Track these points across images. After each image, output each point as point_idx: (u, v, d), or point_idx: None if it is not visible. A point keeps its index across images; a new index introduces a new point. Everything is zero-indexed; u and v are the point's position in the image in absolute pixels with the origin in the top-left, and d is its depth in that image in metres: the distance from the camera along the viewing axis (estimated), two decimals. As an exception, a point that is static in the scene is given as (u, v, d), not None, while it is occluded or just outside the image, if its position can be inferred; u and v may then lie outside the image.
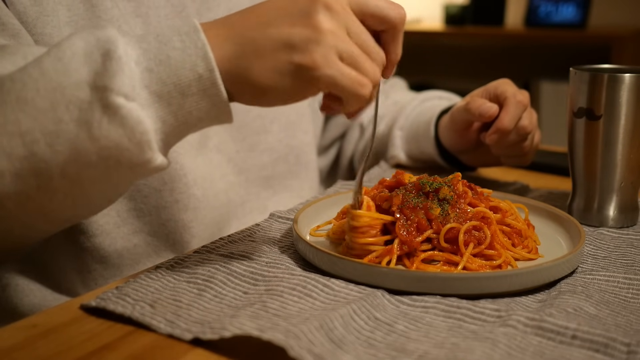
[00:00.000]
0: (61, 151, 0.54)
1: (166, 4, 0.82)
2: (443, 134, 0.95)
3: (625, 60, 2.55)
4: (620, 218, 0.78)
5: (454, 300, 0.57)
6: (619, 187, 0.77)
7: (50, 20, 0.71)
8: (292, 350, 0.47)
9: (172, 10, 0.82)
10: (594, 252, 0.70)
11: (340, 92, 0.56)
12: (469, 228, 0.64)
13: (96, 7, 0.75)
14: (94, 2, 0.75)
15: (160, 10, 0.81)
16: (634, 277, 0.63)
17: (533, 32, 2.85)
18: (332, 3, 0.55)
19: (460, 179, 0.70)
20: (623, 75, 0.74)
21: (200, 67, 0.55)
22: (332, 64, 0.55)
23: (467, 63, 3.38)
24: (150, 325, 0.53)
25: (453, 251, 0.63)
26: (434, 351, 0.50)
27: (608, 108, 0.75)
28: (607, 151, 0.76)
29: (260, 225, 0.76)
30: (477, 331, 0.53)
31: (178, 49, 0.55)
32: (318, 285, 0.59)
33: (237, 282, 0.60)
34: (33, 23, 0.70)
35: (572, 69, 0.78)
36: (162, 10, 0.81)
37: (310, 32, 0.54)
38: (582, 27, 2.78)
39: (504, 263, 0.64)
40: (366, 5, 0.58)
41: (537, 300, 0.60)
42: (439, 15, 3.32)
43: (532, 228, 0.71)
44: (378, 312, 0.56)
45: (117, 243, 0.79)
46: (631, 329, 0.54)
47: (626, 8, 2.93)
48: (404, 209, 0.64)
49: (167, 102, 0.55)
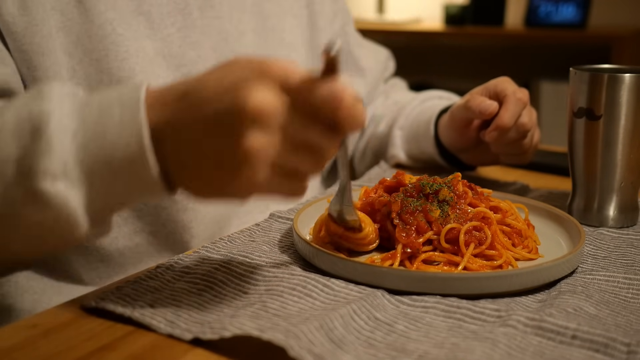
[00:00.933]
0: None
1: (169, 1, 0.82)
2: (443, 133, 0.95)
3: (625, 60, 2.55)
4: (620, 218, 0.78)
5: (454, 300, 0.57)
6: (619, 187, 0.77)
7: (40, 29, 0.71)
8: (292, 350, 0.47)
9: (174, 7, 0.82)
10: (594, 252, 0.70)
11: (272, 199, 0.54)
12: (469, 228, 0.64)
13: (89, 10, 0.74)
14: (87, 5, 0.74)
15: (163, 8, 0.81)
16: (634, 277, 0.63)
17: (533, 32, 2.85)
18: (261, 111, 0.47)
19: (460, 179, 0.70)
20: (623, 75, 0.74)
21: (133, 147, 0.50)
22: (261, 186, 0.50)
23: (467, 63, 3.37)
24: (150, 325, 0.53)
25: (454, 252, 0.63)
26: (434, 351, 0.50)
27: (608, 108, 0.75)
28: (607, 151, 0.76)
29: (260, 225, 0.76)
30: (477, 331, 0.53)
31: (115, 123, 0.51)
32: (318, 285, 0.59)
33: (237, 282, 0.60)
34: (22, 33, 0.70)
35: (572, 69, 0.78)
36: (165, 7, 0.81)
37: (239, 154, 0.48)
38: (582, 27, 2.77)
39: (505, 263, 0.64)
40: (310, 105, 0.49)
41: (537, 300, 0.60)
42: (439, 15, 3.32)
43: (532, 228, 0.71)
44: (378, 312, 0.56)
45: (118, 242, 0.79)
46: (631, 329, 0.54)
47: (626, 8, 2.92)
48: (403, 215, 0.64)
49: (100, 180, 0.51)
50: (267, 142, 0.48)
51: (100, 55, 0.75)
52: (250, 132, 0.47)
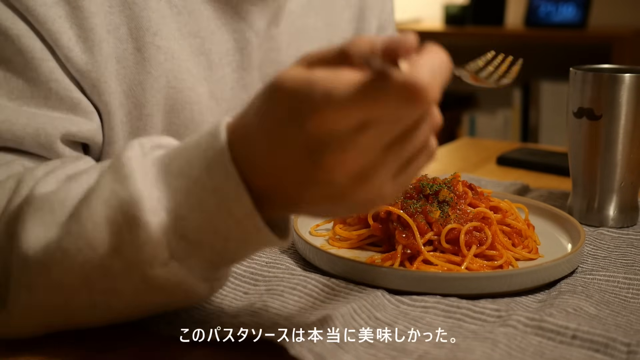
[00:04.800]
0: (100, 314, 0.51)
1: (229, 39, 0.76)
2: None
3: (625, 60, 2.55)
4: (620, 218, 0.78)
5: (454, 300, 0.57)
6: (619, 187, 0.77)
7: (108, 87, 0.66)
8: (292, 349, 0.48)
9: (234, 45, 0.77)
10: (594, 252, 0.70)
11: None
12: (469, 229, 0.64)
13: (147, 61, 0.69)
14: (145, 55, 0.69)
15: (222, 46, 0.76)
16: (634, 277, 0.63)
17: (533, 32, 2.85)
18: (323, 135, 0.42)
19: (460, 179, 0.70)
20: (623, 75, 0.74)
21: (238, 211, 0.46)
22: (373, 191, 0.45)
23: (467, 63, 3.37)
24: (150, 325, 0.53)
25: (454, 252, 0.63)
26: (434, 351, 0.50)
27: (608, 108, 0.75)
28: (607, 151, 0.76)
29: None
30: (477, 331, 0.53)
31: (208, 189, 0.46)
32: (318, 285, 0.59)
33: (237, 283, 0.60)
34: (91, 88, 0.65)
35: (572, 69, 0.78)
36: (224, 45, 0.76)
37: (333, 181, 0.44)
38: (582, 27, 2.77)
39: (505, 263, 0.64)
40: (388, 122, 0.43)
41: (537, 300, 0.60)
42: (439, 15, 3.31)
43: (532, 228, 0.71)
44: (378, 312, 0.56)
45: None
46: (631, 329, 0.54)
47: (626, 8, 2.92)
48: (402, 219, 0.64)
49: (210, 248, 0.48)
50: (348, 156, 0.43)
51: (152, 111, 0.70)
52: (328, 157, 0.43)
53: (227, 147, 0.45)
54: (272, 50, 0.81)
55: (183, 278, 0.48)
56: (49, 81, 0.62)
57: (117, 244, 0.47)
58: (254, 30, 0.77)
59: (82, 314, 0.51)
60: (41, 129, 0.61)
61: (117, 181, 0.47)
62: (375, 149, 0.43)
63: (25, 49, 0.61)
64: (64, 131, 0.62)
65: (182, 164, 0.47)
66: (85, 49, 0.64)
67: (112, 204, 0.47)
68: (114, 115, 0.67)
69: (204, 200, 0.46)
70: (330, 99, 0.41)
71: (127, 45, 0.68)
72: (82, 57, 0.64)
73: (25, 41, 0.61)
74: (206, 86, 0.75)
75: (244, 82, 0.78)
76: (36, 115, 0.61)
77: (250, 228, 0.47)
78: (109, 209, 0.47)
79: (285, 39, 0.82)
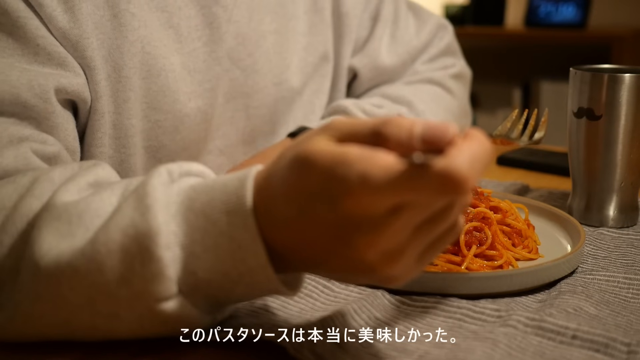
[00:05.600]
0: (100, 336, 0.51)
1: (197, 14, 0.79)
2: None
3: (625, 60, 2.55)
4: (620, 218, 0.78)
5: (454, 300, 0.57)
6: (619, 187, 0.77)
7: (90, 43, 0.69)
8: (292, 349, 0.48)
9: (202, 20, 0.80)
10: (594, 252, 0.70)
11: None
12: (469, 229, 0.64)
13: (124, 26, 0.72)
14: (122, 21, 0.72)
15: (191, 21, 0.79)
16: (634, 277, 0.63)
17: (533, 32, 2.85)
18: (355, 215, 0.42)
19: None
20: (623, 75, 0.74)
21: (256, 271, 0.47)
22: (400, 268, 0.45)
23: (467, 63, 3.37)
24: (150, 325, 0.53)
25: (454, 252, 0.63)
26: (434, 351, 0.50)
27: (608, 108, 0.75)
28: (607, 151, 0.76)
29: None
30: (478, 331, 0.53)
31: (225, 235, 0.46)
32: (318, 286, 0.59)
33: (238, 282, 0.60)
34: (74, 47, 0.68)
35: (572, 69, 0.78)
36: (193, 20, 0.79)
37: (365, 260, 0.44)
38: (582, 27, 2.77)
39: (505, 263, 0.64)
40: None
41: (537, 300, 0.60)
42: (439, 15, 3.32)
43: (532, 228, 0.71)
44: (378, 312, 0.56)
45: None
46: (631, 329, 0.54)
47: (626, 8, 2.93)
48: None
49: (218, 290, 0.48)
50: (379, 237, 0.42)
51: (130, 73, 0.73)
52: (359, 238, 0.43)
53: (251, 201, 0.45)
54: (236, 22, 0.84)
55: (188, 312, 0.48)
56: (36, 37, 0.65)
57: (127, 274, 0.47)
58: (221, 5, 0.81)
59: (82, 333, 0.51)
60: (34, 80, 0.64)
61: (138, 210, 0.47)
62: (406, 230, 0.43)
63: (10, 9, 0.64)
64: (57, 84, 0.65)
65: (204, 202, 0.47)
66: (66, 9, 0.67)
67: (129, 232, 0.47)
68: (97, 70, 0.71)
69: (220, 244, 0.46)
70: (366, 182, 0.40)
71: (104, 12, 0.71)
72: (64, 17, 0.67)
73: (10, 1, 0.64)
74: (178, 57, 0.78)
75: (216, 55, 0.81)
76: (29, 71, 0.64)
77: (262, 278, 0.47)
78: (125, 237, 0.47)
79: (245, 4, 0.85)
